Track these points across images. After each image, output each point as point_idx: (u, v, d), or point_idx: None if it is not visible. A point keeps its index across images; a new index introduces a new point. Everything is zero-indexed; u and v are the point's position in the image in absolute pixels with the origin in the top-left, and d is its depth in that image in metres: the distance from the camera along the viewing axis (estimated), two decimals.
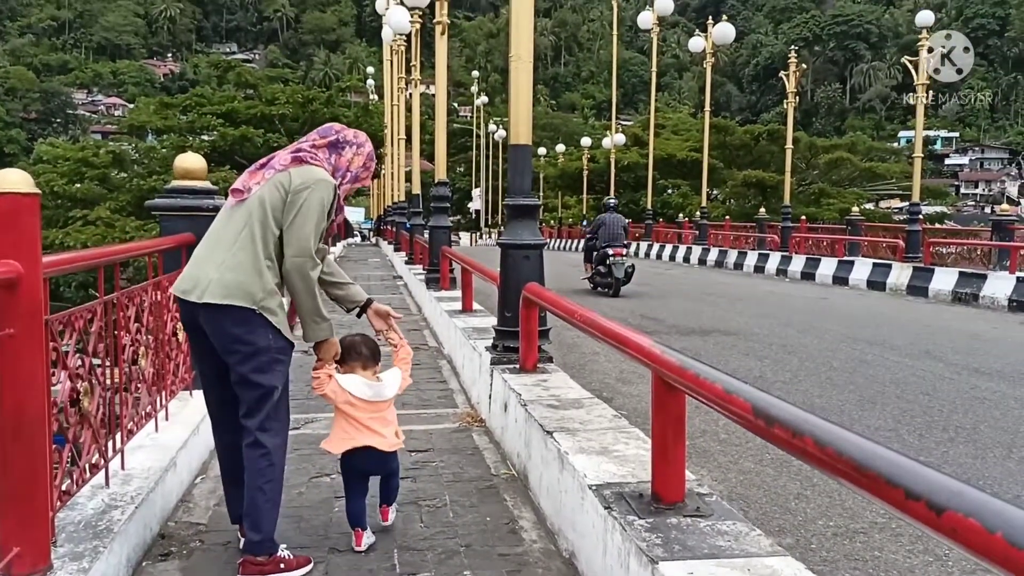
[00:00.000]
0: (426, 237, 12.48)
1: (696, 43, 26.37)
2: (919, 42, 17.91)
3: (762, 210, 26.49)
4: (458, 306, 8.12)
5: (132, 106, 72.00)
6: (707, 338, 9.66)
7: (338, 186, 3.05)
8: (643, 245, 30.64)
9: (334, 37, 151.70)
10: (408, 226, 17.55)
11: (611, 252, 14.20)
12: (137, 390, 3.63)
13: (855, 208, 24.06)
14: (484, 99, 61.60)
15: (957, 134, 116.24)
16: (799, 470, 4.58)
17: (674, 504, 2.67)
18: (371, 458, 3.19)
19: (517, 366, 4.93)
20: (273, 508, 2.95)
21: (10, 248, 2.34)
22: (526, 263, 5.13)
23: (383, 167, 30.86)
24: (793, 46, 31.58)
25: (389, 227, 26.96)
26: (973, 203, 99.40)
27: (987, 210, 77.85)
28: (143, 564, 3.08)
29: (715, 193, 41.92)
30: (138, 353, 3.62)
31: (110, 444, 3.19)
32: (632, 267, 14.56)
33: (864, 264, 18.40)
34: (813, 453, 1.71)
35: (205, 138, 27.16)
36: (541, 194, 50.38)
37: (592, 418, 3.88)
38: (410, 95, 20.61)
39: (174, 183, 4.61)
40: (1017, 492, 4.49)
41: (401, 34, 18.61)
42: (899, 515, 1.44)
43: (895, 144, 75.05)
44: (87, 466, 2.98)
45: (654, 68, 31.13)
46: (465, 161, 67.85)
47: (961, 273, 15.53)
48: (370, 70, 50.50)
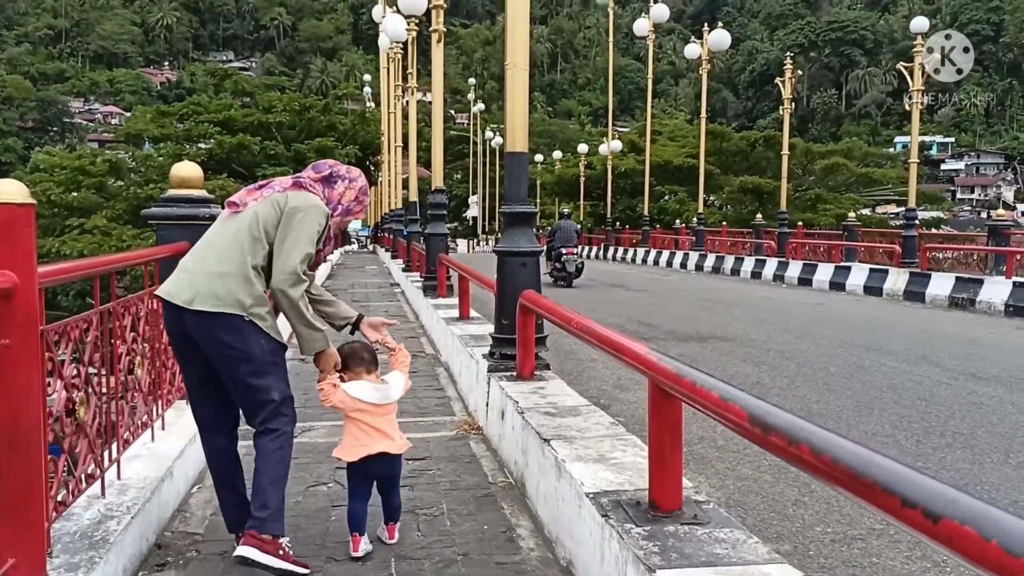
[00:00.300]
0: (423, 244, 12.51)
1: (692, 50, 26.47)
2: (914, 48, 17.95)
3: (759, 216, 26.52)
4: (455, 313, 8.12)
5: (129, 114, 72.05)
6: (704, 344, 9.66)
7: (330, 216, 3.18)
8: (640, 251, 30.65)
9: (331, 45, 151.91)
10: (405, 233, 17.56)
11: (564, 251, 17.55)
12: (133, 399, 3.63)
13: (851, 214, 24.13)
14: (481, 106, 61.72)
15: (953, 139, 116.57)
16: (797, 476, 4.57)
17: (671, 512, 2.66)
18: (382, 462, 3.22)
19: (514, 373, 4.92)
20: (279, 489, 3.00)
21: (5, 258, 2.33)
22: (523, 270, 5.14)
23: (380, 174, 30.89)
24: (789, 52, 31.74)
25: (386, 234, 26.96)
26: (969, 208, 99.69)
27: (983, 215, 78.13)
28: (139, 574, 3.07)
29: (712, 199, 41.97)
30: (134, 362, 3.61)
31: (106, 454, 3.19)
32: (582, 263, 17.86)
33: (861, 269, 18.42)
34: (809, 461, 1.71)
35: (202, 146, 27.15)
36: (538, 201, 50.45)
37: (589, 425, 3.87)
38: (407, 102, 20.61)
39: (170, 192, 4.61)
40: (1015, 497, 4.49)
41: (398, 42, 18.67)
42: (896, 523, 1.43)
43: (891, 149, 75.42)
44: (83, 476, 2.97)
45: (650, 75, 31.21)
46: (462, 168, 67.90)
47: (958, 278, 15.54)
48: (367, 78, 50.72)
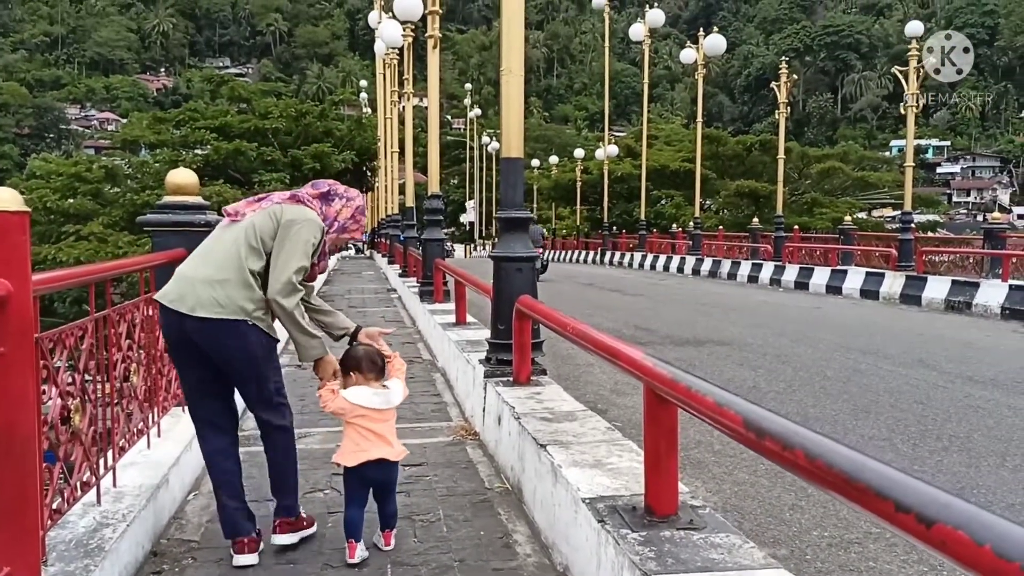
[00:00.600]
0: (420, 250, 12.51)
1: (688, 54, 26.51)
2: (909, 52, 17.99)
3: (755, 220, 26.52)
4: (452, 319, 8.11)
5: (125, 121, 71.90)
6: (701, 348, 9.66)
7: (326, 232, 3.30)
8: (637, 256, 30.65)
9: (327, 51, 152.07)
10: (402, 239, 17.56)
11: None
12: (129, 406, 3.62)
13: (848, 217, 24.06)
14: (477, 111, 61.75)
15: (948, 143, 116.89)
16: (793, 481, 4.57)
17: (667, 517, 2.66)
18: (380, 468, 3.23)
19: (511, 379, 4.92)
20: (294, 474, 3.35)
21: (0, 266, 2.33)
22: (519, 275, 5.14)
23: (376, 180, 30.89)
24: (784, 57, 31.80)
25: (383, 240, 26.95)
26: (965, 211, 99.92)
27: (979, 218, 78.24)
28: None
29: (708, 203, 41.97)
30: (130, 369, 3.61)
31: (102, 461, 3.18)
32: (547, 262, 21.66)
33: (857, 273, 18.44)
34: (804, 466, 1.71)
35: (198, 152, 27.07)
36: (535, 205, 50.47)
37: (586, 431, 3.87)
38: (403, 108, 20.65)
39: (166, 199, 4.60)
40: (1011, 500, 4.49)
41: (394, 48, 18.68)
42: (889, 527, 1.44)
43: (887, 153, 75.44)
44: (78, 484, 2.96)
45: (646, 80, 31.25)
46: (459, 173, 67.93)
47: (954, 281, 15.57)
48: (363, 83, 50.66)
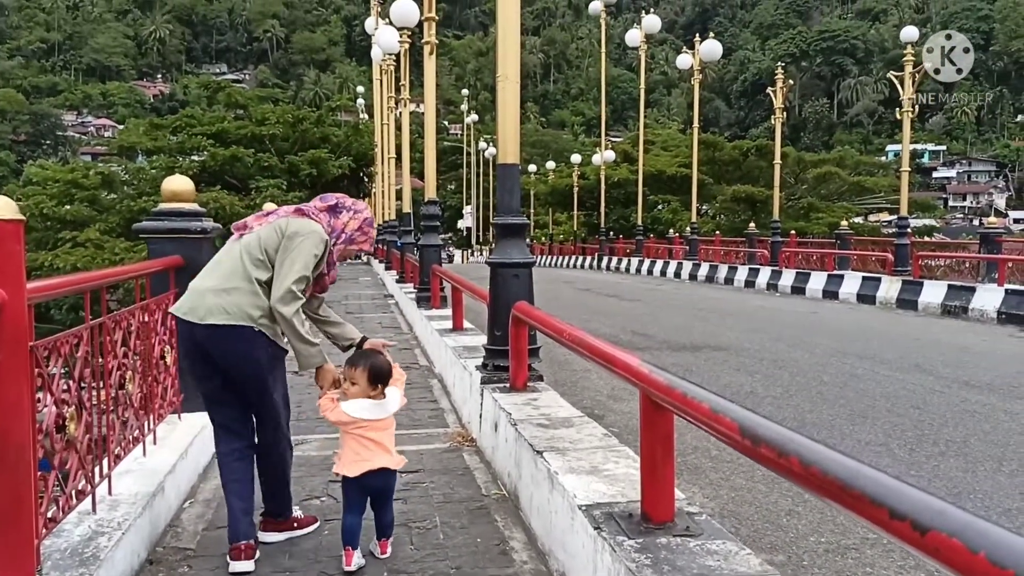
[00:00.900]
0: (417, 255, 12.52)
1: (684, 60, 26.58)
2: (905, 57, 18.05)
3: (752, 225, 26.57)
4: (449, 325, 8.11)
5: (122, 127, 72.01)
6: (698, 354, 9.67)
7: (332, 244, 3.38)
8: (634, 261, 30.67)
9: (324, 57, 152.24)
10: (399, 244, 17.58)
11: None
12: (124, 414, 3.61)
13: (844, 222, 24.11)
14: (474, 117, 61.80)
15: (944, 147, 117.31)
16: (790, 487, 4.56)
17: (664, 524, 2.66)
18: (380, 476, 3.23)
19: (507, 385, 4.92)
20: (285, 484, 3.48)
21: None
22: (515, 282, 5.13)
23: (374, 186, 30.92)
24: (780, 62, 31.89)
25: (380, 246, 26.94)
26: (961, 215, 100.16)
27: (975, 222, 78.41)
28: None
29: (705, 208, 42.07)
30: (125, 377, 3.60)
31: (97, 469, 3.17)
32: None
33: (854, 278, 18.47)
34: (799, 473, 1.71)
35: (195, 158, 27.09)
36: (532, 211, 50.53)
37: (582, 437, 3.87)
38: (400, 114, 20.66)
39: (162, 206, 4.59)
40: (1008, 506, 4.50)
41: (390, 54, 18.73)
42: (885, 535, 1.44)
43: (883, 158, 75.59)
44: (73, 492, 2.95)
45: (642, 85, 31.31)
46: (456, 179, 68.03)
47: (950, 286, 15.59)
48: (360, 89, 50.72)
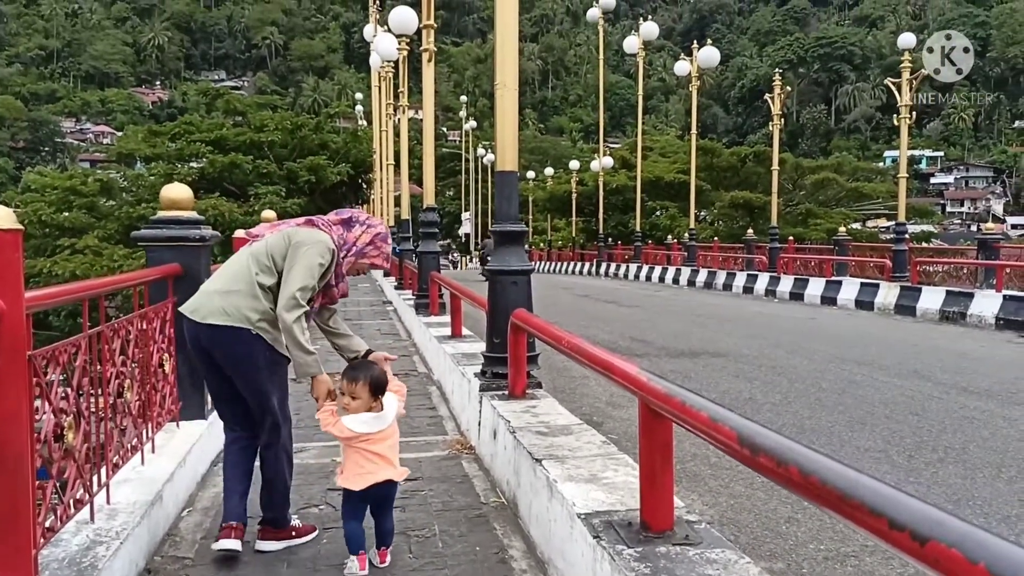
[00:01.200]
0: (415, 262, 12.52)
1: (682, 66, 26.60)
2: (902, 63, 18.09)
3: (750, 231, 26.57)
4: (447, 331, 8.11)
5: (120, 134, 72.02)
6: (697, 360, 9.66)
7: (342, 256, 3.47)
8: (632, 267, 30.67)
9: (323, 64, 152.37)
10: (397, 251, 17.55)
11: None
12: (123, 423, 3.60)
13: (842, 228, 24.13)
14: (472, 123, 61.83)
15: (942, 153, 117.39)
16: (790, 494, 4.55)
17: (663, 532, 2.65)
18: (382, 487, 3.24)
19: (506, 392, 4.91)
20: (282, 492, 3.51)
21: None
22: (514, 289, 5.14)
23: (372, 192, 30.93)
24: (778, 68, 31.99)
25: None
26: (959, 221, 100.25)
27: (973, 228, 78.57)
28: None
29: (703, 214, 42.05)
30: (124, 385, 3.59)
31: (95, 478, 3.16)
32: None
33: (852, 284, 18.47)
34: (798, 482, 1.71)
35: (194, 165, 27.06)
36: (530, 217, 50.54)
37: (581, 445, 3.86)
38: (398, 121, 20.70)
39: (161, 214, 4.58)
40: (1007, 512, 4.49)
41: (389, 61, 18.74)
42: (883, 544, 1.44)
43: (881, 164, 75.75)
44: (71, 501, 2.94)
45: (640, 92, 31.40)
46: (454, 185, 68.01)
47: (948, 292, 15.59)
48: (359, 96, 50.73)
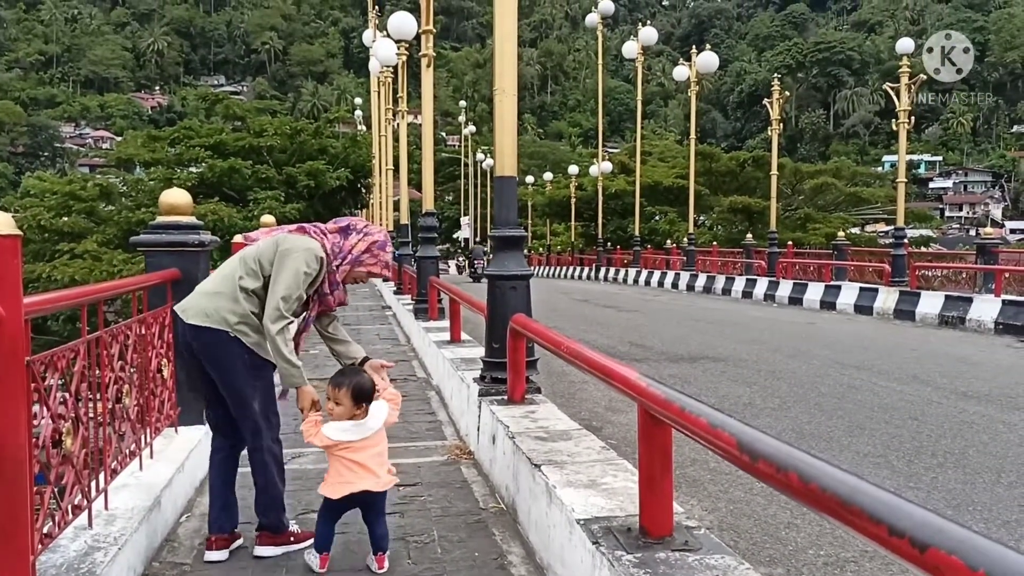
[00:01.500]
0: (414, 267, 12.52)
1: (681, 71, 26.67)
2: (900, 68, 18.12)
3: (749, 236, 26.60)
4: (446, 336, 8.10)
5: (120, 139, 72.08)
6: (696, 364, 9.66)
7: (336, 264, 3.40)
8: (631, 272, 30.66)
9: (322, 69, 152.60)
10: (396, 256, 17.55)
11: (476, 262, 35.58)
12: (121, 428, 3.60)
13: (841, 233, 24.13)
14: (472, 128, 61.85)
15: (940, 158, 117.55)
16: (789, 499, 4.55)
17: (662, 538, 2.65)
18: (361, 498, 3.22)
19: (505, 397, 4.90)
20: (274, 497, 3.44)
21: None
22: (513, 294, 5.13)
23: (371, 197, 30.92)
24: (776, 73, 31.96)
25: None
26: (958, 226, 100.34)
27: (972, 233, 78.61)
28: None
29: (702, 219, 42.14)
30: (122, 391, 3.58)
31: (93, 484, 3.15)
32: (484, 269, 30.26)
33: (851, 289, 18.47)
34: (798, 489, 1.71)
35: (193, 170, 27.05)
36: (530, 222, 50.56)
37: (580, 450, 3.86)
38: (397, 125, 20.70)
39: (159, 219, 4.58)
40: (1007, 518, 4.49)
41: (388, 66, 18.76)
42: (883, 551, 1.43)
43: (879, 168, 75.89)
44: (69, 507, 2.93)
45: (639, 97, 31.44)
46: (454, 190, 68.09)
47: (947, 296, 15.60)
48: (358, 101, 50.78)
